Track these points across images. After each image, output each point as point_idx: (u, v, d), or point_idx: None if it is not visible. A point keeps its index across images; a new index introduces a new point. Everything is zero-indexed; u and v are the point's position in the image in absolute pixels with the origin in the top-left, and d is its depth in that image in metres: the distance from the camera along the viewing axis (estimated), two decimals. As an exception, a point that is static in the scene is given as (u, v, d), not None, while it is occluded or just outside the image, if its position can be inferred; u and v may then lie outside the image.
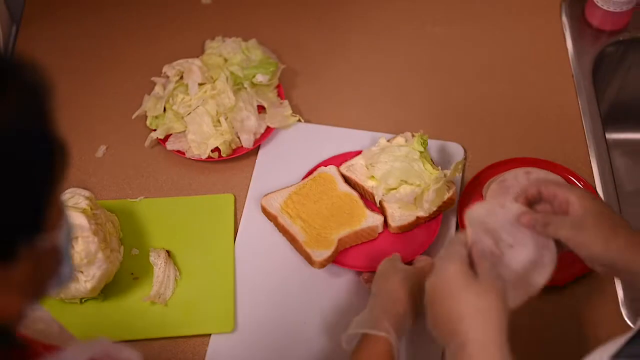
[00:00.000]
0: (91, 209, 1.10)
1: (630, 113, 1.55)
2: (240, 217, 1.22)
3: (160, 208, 1.24)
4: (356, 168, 1.22)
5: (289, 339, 1.11)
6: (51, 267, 0.66)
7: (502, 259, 0.95)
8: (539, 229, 0.94)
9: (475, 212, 0.99)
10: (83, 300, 1.12)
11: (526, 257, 0.95)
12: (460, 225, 1.18)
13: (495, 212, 0.98)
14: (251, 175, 1.27)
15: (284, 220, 1.17)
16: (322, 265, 1.13)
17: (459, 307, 0.86)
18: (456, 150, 1.28)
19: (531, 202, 0.99)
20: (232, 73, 1.30)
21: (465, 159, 1.25)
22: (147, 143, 1.30)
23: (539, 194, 0.98)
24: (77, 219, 1.07)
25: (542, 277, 0.96)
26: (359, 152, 1.24)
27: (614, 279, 1.13)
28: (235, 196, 1.25)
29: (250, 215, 1.22)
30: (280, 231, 1.19)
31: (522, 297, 0.96)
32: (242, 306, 1.13)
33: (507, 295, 0.88)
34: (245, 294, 1.14)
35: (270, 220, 1.20)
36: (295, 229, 1.16)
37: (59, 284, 0.70)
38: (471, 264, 0.90)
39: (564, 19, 1.47)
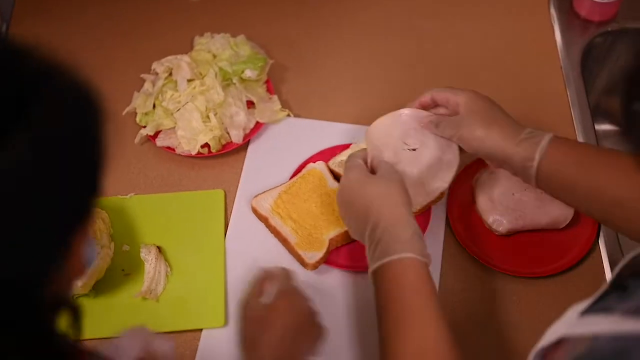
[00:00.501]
0: None
1: (620, 104, 1.55)
2: (231, 213, 1.22)
3: (151, 204, 1.24)
4: (342, 163, 1.22)
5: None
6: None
7: (403, 164, 1.08)
8: (432, 129, 1.06)
9: (374, 129, 1.12)
10: (75, 297, 1.13)
11: (429, 155, 1.08)
12: (450, 219, 1.19)
13: (398, 122, 1.11)
14: (241, 171, 1.27)
15: (275, 221, 1.17)
16: (315, 267, 1.13)
17: (364, 200, 0.98)
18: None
19: (426, 108, 1.11)
20: (220, 69, 1.30)
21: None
22: (137, 140, 1.30)
23: (432, 101, 1.10)
24: None
25: (445, 178, 1.09)
26: (347, 146, 1.24)
27: (603, 267, 1.13)
28: (225, 192, 1.25)
29: (241, 210, 1.22)
30: (271, 232, 1.19)
31: (425, 199, 1.10)
32: (233, 301, 1.13)
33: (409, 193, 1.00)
34: (236, 288, 1.14)
35: (261, 222, 1.20)
36: (286, 230, 1.16)
37: (87, 264, 0.72)
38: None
39: (552, 10, 1.47)
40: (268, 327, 0.91)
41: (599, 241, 1.16)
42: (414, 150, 1.10)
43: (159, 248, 1.17)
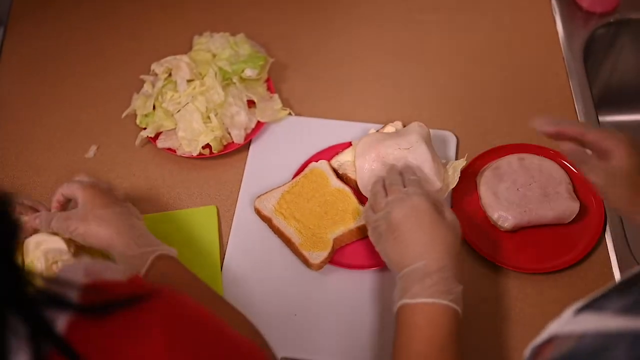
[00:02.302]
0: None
1: (623, 95, 1.54)
2: (234, 213, 1.22)
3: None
4: (347, 164, 1.21)
5: (280, 339, 1.09)
6: None
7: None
8: (575, 162, 1.01)
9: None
10: None
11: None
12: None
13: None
14: (243, 171, 1.26)
15: (278, 222, 1.17)
16: (320, 267, 1.12)
17: (433, 234, 0.98)
18: (448, 139, 1.28)
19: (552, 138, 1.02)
20: (220, 68, 1.29)
21: (465, 161, 1.22)
22: (137, 142, 1.29)
23: (570, 136, 0.99)
24: (56, 242, 1.05)
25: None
26: (349, 144, 1.24)
27: (610, 264, 1.12)
28: (217, 208, 1.23)
29: (244, 211, 1.21)
30: (275, 233, 1.18)
31: None
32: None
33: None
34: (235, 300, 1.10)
35: (265, 222, 1.19)
36: (290, 230, 1.15)
37: None
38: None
39: (554, 1, 1.46)
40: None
41: (606, 236, 1.15)
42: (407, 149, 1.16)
43: None
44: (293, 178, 1.22)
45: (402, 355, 0.93)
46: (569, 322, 0.63)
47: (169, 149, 1.27)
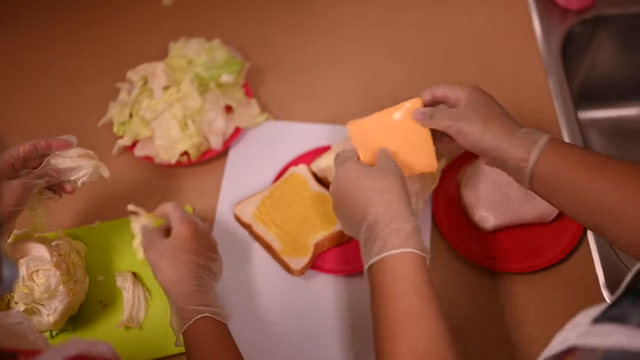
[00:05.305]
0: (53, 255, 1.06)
1: (602, 91, 1.54)
2: (214, 221, 1.20)
3: (119, 230, 1.19)
4: (327, 168, 1.20)
5: (267, 349, 1.08)
6: None
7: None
8: (427, 121, 1.02)
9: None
10: (54, 333, 1.09)
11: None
12: (436, 216, 1.17)
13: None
14: (222, 177, 1.25)
15: (258, 228, 1.16)
16: (301, 272, 1.12)
17: (362, 193, 0.94)
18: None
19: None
20: (197, 74, 1.28)
21: (446, 161, 1.21)
22: (114, 151, 1.27)
23: (433, 98, 1.04)
24: (39, 251, 1.04)
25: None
26: (328, 148, 1.23)
27: (593, 262, 1.12)
28: (193, 208, 1.22)
29: (223, 218, 1.20)
30: (255, 239, 1.17)
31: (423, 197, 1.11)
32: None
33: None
34: (221, 303, 1.12)
35: (245, 229, 1.18)
36: (270, 236, 1.14)
37: (3, 288, 0.68)
38: None
39: (530, -1, 1.46)
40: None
41: (588, 233, 1.15)
42: None
43: (134, 274, 1.14)
44: (273, 183, 1.21)
45: (382, 319, 0.88)
46: (589, 333, 0.61)
47: (147, 157, 1.25)
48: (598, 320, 0.61)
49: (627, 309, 0.60)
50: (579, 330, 0.61)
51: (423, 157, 1.04)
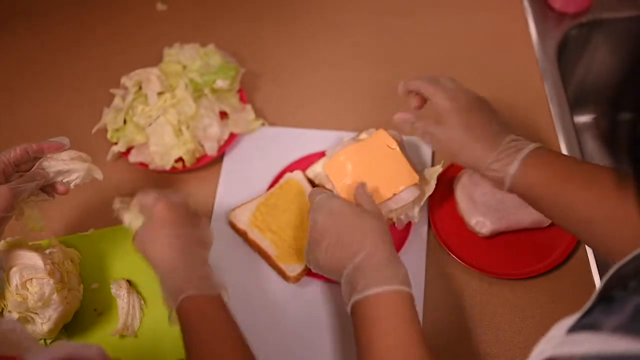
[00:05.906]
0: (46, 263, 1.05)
1: (598, 95, 1.54)
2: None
3: (113, 238, 1.18)
4: (323, 174, 1.19)
5: (262, 356, 1.08)
6: None
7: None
8: (406, 130, 1.07)
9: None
10: (48, 342, 1.07)
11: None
12: (432, 224, 1.17)
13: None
14: (217, 184, 1.24)
15: (254, 235, 1.15)
16: (297, 279, 1.11)
17: (362, 227, 0.96)
18: (424, 145, 1.26)
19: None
20: (191, 80, 1.27)
21: (441, 167, 1.21)
22: (109, 157, 1.27)
23: (407, 92, 1.10)
24: (32, 259, 1.03)
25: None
26: (323, 154, 1.22)
27: (590, 268, 1.12)
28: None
29: (218, 224, 1.20)
30: (251, 246, 1.16)
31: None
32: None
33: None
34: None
35: (240, 236, 1.17)
36: (266, 243, 1.14)
37: None
38: None
39: (526, 3, 1.46)
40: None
41: (584, 238, 1.15)
42: None
43: (129, 282, 1.13)
44: (268, 189, 1.21)
45: (367, 352, 0.89)
46: (565, 343, 0.61)
47: (141, 163, 1.25)
48: (572, 329, 0.62)
49: (599, 317, 0.61)
50: (555, 342, 0.62)
51: (403, 174, 1.09)
